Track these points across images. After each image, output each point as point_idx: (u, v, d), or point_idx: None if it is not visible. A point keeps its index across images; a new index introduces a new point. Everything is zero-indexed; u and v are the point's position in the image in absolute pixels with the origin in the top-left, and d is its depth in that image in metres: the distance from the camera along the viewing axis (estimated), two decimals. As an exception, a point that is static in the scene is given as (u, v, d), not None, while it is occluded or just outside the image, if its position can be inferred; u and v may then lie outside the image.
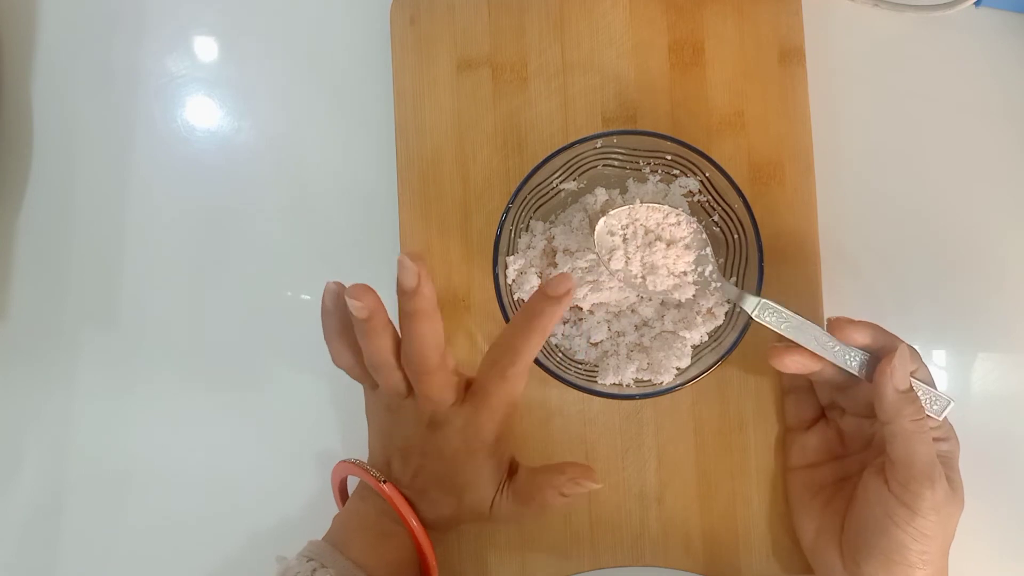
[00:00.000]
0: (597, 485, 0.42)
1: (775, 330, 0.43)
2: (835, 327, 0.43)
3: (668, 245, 0.46)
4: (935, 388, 0.43)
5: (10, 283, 0.53)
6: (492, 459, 0.43)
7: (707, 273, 0.46)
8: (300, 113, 0.54)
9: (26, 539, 0.52)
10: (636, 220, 0.46)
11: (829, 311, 0.49)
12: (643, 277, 0.46)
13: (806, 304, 0.49)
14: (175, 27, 0.54)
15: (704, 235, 0.46)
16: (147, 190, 0.53)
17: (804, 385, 0.48)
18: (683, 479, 0.49)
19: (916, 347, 0.43)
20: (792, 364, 0.43)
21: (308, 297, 0.53)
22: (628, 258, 0.45)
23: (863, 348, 0.43)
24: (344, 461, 0.46)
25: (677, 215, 0.46)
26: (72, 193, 0.53)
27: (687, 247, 0.46)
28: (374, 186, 0.52)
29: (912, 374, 0.42)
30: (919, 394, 0.42)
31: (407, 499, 0.43)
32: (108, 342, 0.53)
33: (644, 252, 0.46)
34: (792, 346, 0.43)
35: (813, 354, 0.43)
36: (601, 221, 0.45)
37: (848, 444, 0.46)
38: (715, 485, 0.49)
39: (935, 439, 0.42)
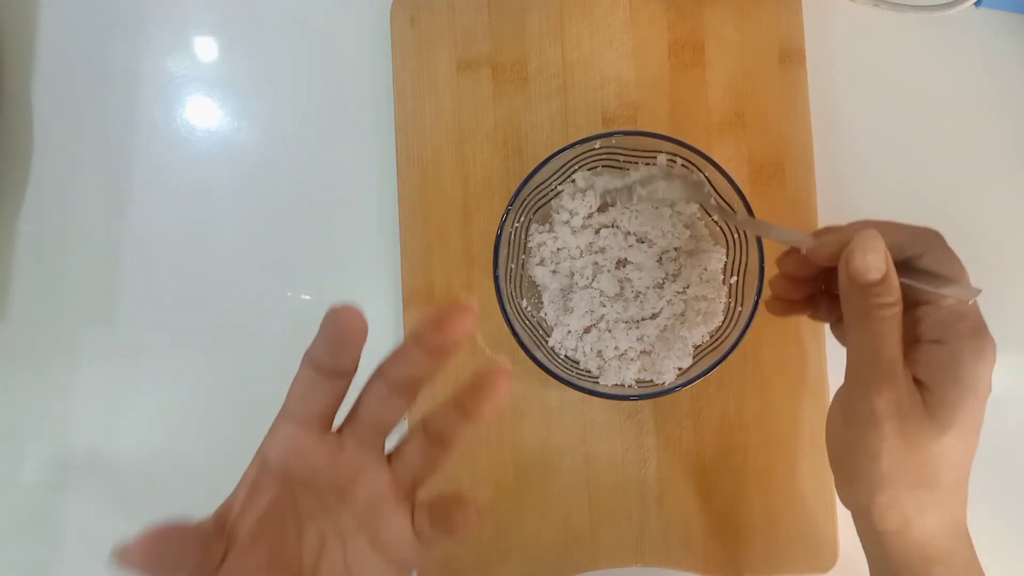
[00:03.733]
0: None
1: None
2: (812, 255, 0.37)
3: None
4: (955, 280, 0.35)
5: (10, 283, 0.53)
6: None
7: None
8: (300, 113, 0.54)
9: (26, 538, 0.52)
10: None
11: (829, 311, 0.49)
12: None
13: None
14: (175, 27, 0.54)
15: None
16: (147, 190, 0.53)
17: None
18: (683, 479, 0.49)
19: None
20: (792, 264, 0.38)
21: (308, 297, 0.53)
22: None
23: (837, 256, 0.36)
24: None
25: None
26: (72, 193, 0.53)
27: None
28: (374, 186, 0.52)
29: (916, 263, 0.35)
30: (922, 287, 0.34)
31: None
32: (108, 342, 0.53)
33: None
34: (786, 252, 0.40)
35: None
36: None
37: None
38: (715, 485, 0.49)
39: (928, 340, 0.35)
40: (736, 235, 0.46)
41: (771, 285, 0.41)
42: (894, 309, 0.33)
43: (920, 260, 0.35)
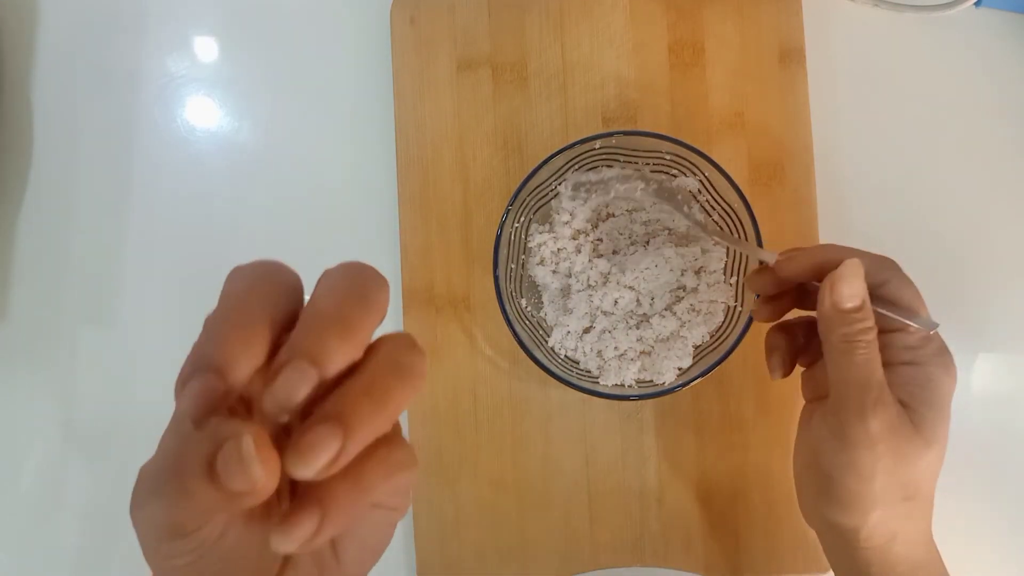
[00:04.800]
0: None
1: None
2: (778, 267, 0.39)
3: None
4: (920, 312, 0.37)
5: (10, 283, 0.53)
6: None
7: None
8: (300, 113, 0.54)
9: (27, 539, 0.52)
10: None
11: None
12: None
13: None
14: (175, 27, 0.54)
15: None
16: (147, 190, 0.53)
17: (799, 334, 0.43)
18: (683, 479, 0.49)
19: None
20: (760, 282, 0.40)
21: (307, 297, 0.53)
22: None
23: (813, 276, 0.38)
24: None
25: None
26: (72, 193, 0.53)
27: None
28: (374, 186, 0.52)
29: (878, 291, 0.37)
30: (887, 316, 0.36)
31: None
32: (108, 342, 0.53)
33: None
34: (755, 269, 0.42)
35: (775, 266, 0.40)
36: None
37: None
38: (715, 485, 0.49)
39: (901, 362, 0.37)
40: (736, 235, 0.46)
41: (754, 295, 0.43)
42: (873, 334, 0.35)
43: (882, 288, 0.37)
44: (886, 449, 0.35)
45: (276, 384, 0.22)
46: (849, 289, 0.35)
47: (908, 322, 0.36)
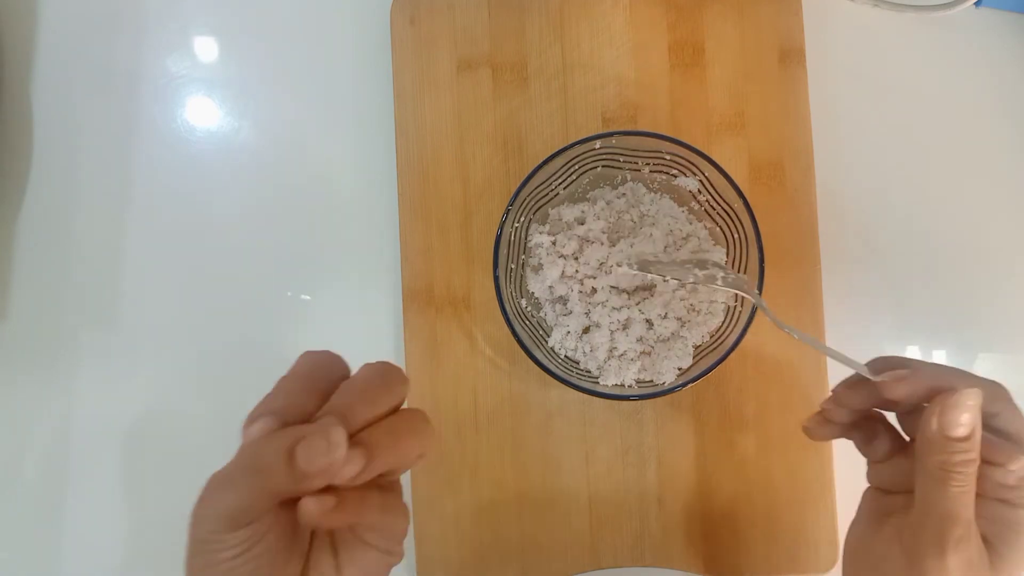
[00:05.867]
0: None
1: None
2: (885, 387, 0.36)
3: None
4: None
5: (10, 283, 0.53)
6: None
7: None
8: (300, 113, 0.54)
9: (28, 539, 0.52)
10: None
11: (829, 311, 0.49)
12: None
13: (806, 304, 0.49)
14: (175, 27, 0.54)
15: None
16: (147, 190, 0.53)
17: (872, 419, 0.40)
18: (683, 479, 0.49)
19: (915, 351, 0.39)
20: (856, 398, 0.38)
21: (308, 297, 0.53)
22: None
23: (923, 401, 0.36)
24: None
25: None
26: (72, 193, 0.53)
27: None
28: (374, 186, 0.52)
29: (989, 421, 0.35)
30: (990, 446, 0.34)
31: None
32: (108, 342, 0.53)
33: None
34: (848, 383, 0.38)
35: (868, 383, 0.37)
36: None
37: None
38: (715, 485, 0.49)
39: (996, 499, 0.35)
40: (736, 235, 0.46)
41: (823, 409, 0.40)
42: (974, 467, 0.34)
43: (992, 420, 0.35)
44: None
45: (310, 429, 0.30)
46: (963, 417, 0.33)
47: (1019, 456, 0.35)
